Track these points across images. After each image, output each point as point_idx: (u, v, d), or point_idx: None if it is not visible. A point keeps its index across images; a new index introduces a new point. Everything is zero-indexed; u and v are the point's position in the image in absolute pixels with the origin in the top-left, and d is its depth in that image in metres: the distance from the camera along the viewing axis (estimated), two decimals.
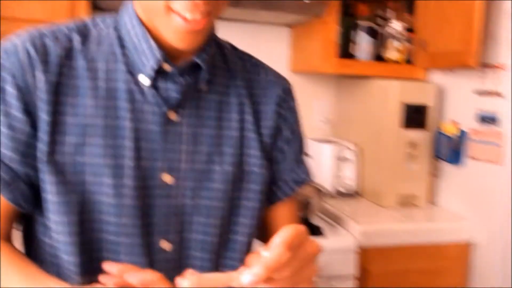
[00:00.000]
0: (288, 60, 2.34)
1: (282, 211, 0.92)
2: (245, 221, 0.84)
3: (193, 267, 0.78)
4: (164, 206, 0.77)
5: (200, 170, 0.79)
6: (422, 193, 2.09)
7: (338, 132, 2.40)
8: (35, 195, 0.75)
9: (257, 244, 0.87)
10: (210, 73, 0.81)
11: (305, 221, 1.82)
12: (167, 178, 0.77)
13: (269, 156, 0.87)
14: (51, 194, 0.72)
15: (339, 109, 2.41)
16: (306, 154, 0.95)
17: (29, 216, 0.78)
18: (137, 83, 0.76)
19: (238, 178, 0.82)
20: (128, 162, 0.74)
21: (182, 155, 0.78)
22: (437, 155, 2.06)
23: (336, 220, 1.91)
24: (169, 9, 0.68)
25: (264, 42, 2.31)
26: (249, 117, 0.84)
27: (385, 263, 1.81)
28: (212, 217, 0.79)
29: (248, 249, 0.86)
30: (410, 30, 2.17)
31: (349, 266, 1.73)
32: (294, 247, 0.61)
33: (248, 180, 0.83)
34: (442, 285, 1.88)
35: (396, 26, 2.14)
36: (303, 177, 0.92)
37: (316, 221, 1.87)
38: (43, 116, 0.72)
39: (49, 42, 0.74)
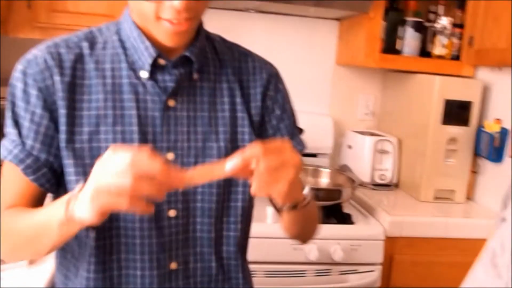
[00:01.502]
0: (335, 53, 2.41)
1: None
2: (240, 190, 0.95)
3: (196, 231, 0.92)
4: None
5: (198, 148, 0.91)
6: (461, 189, 2.11)
7: (382, 126, 2.45)
8: (57, 179, 0.89)
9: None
10: (201, 63, 0.93)
11: (337, 208, 1.91)
12: (170, 156, 0.89)
13: (261, 133, 0.98)
14: (72, 175, 0.86)
15: (384, 102, 2.45)
16: (300, 130, 1.06)
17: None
18: (138, 78, 0.89)
19: (232, 153, 0.93)
20: (137, 142, 0.87)
21: (182, 135, 0.90)
22: (478, 152, 2.07)
23: (368, 210, 1.98)
24: (158, 17, 0.81)
25: (314, 35, 2.39)
26: (239, 100, 0.96)
27: (413, 253, 1.86)
28: (212, 187, 0.91)
29: (246, 214, 0.98)
30: (459, 26, 2.17)
31: (376, 254, 1.80)
32: (271, 149, 0.75)
33: None
34: None
35: (444, 21, 2.15)
36: (298, 148, 1.02)
37: (348, 209, 1.95)
38: (62, 111, 0.86)
39: (62, 51, 0.88)
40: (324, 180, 2.07)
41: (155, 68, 0.89)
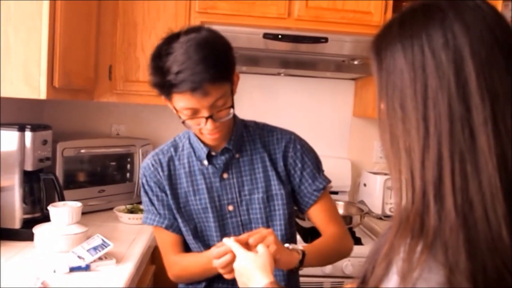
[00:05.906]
0: (352, 106, 2.90)
1: (316, 210, 1.49)
2: (278, 222, 1.44)
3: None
4: (232, 223, 1.44)
5: (246, 200, 1.44)
6: None
7: None
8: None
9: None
10: (240, 146, 1.44)
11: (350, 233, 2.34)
12: (230, 208, 1.44)
13: (291, 181, 1.47)
14: (184, 227, 1.45)
15: None
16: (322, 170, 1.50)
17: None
18: (203, 164, 1.44)
19: (268, 199, 1.44)
20: (209, 204, 1.43)
21: (235, 194, 1.44)
22: None
23: (376, 235, 2.40)
24: (201, 133, 1.34)
25: (334, 93, 2.90)
26: (268, 164, 1.45)
27: None
28: (258, 224, 1.43)
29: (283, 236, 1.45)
30: None
31: None
32: (257, 239, 1.18)
33: (275, 198, 1.44)
34: None
35: None
36: (321, 185, 1.47)
37: (359, 234, 2.38)
38: (168, 191, 1.45)
39: (161, 157, 1.48)
40: (340, 211, 2.50)
41: (210, 157, 1.43)
